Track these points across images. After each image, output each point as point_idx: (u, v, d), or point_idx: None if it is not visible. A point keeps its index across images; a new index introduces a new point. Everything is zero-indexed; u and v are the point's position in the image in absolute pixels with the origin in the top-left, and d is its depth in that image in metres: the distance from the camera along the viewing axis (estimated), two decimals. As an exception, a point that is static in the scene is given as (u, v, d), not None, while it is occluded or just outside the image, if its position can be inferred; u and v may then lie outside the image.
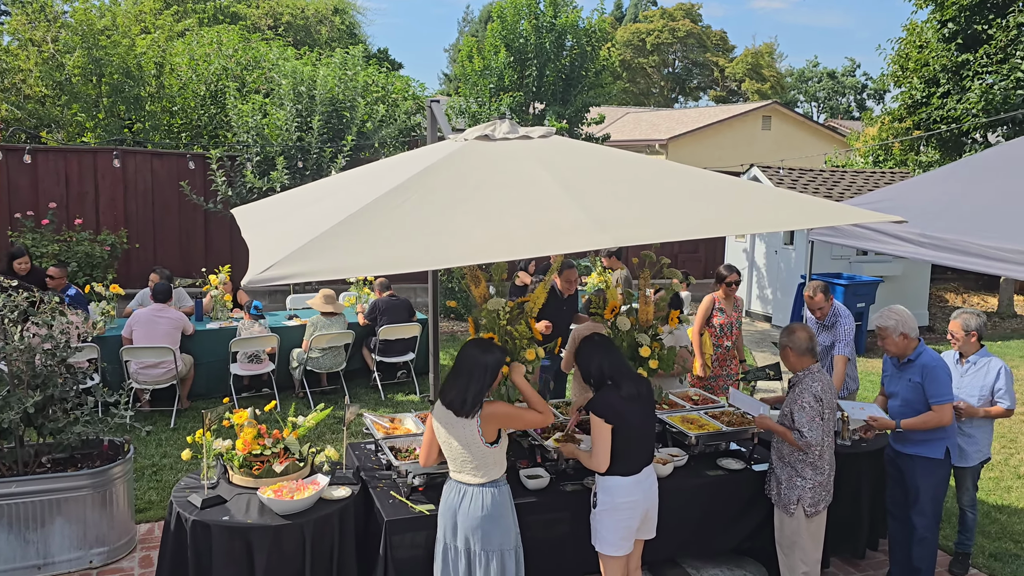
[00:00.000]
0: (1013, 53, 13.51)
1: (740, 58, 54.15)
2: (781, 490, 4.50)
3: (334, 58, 13.57)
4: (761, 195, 4.37)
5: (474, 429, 3.72)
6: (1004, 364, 5.03)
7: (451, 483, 3.86)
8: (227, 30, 17.20)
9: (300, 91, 12.11)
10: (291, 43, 21.29)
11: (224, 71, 14.98)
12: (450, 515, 3.82)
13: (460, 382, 3.76)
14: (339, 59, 13.51)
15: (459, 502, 3.79)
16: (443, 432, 3.80)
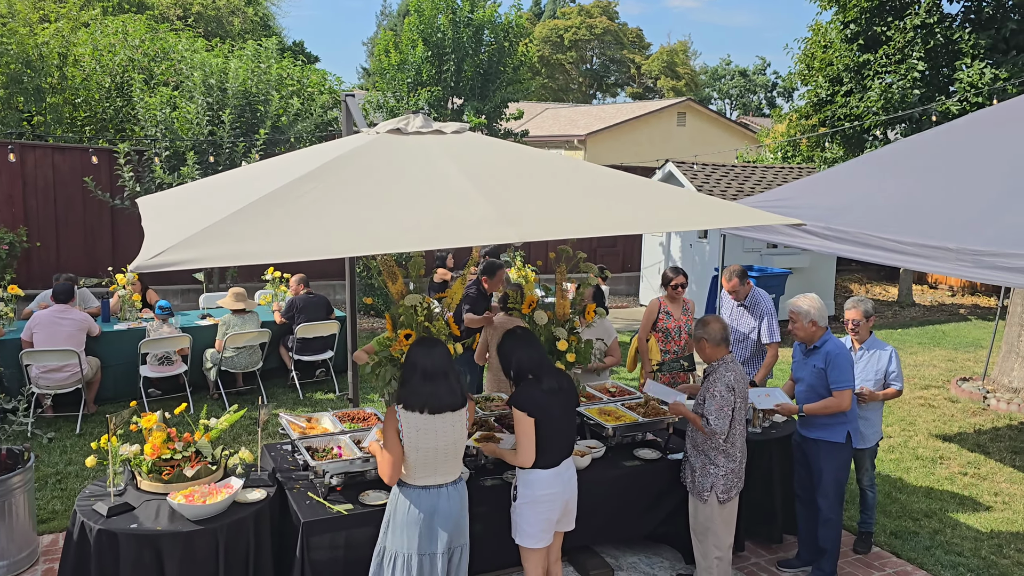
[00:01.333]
0: (910, 54, 14.16)
1: (656, 55, 55.16)
2: (695, 478, 4.61)
3: (246, 50, 13.23)
4: (669, 196, 4.47)
5: (464, 420, 3.78)
6: (894, 349, 5.28)
7: (416, 490, 3.73)
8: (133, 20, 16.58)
9: (211, 84, 11.77)
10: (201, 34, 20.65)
11: (130, 62, 14.43)
12: (421, 522, 3.71)
13: (449, 380, 3.73)
14: (252, 51, 13.18)
15: (435, 505, 3.72)
16: (426, 437, 3.68)
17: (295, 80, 13.97)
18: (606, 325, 6.37)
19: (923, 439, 7.64)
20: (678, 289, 6.42)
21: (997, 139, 6.18)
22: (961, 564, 5.27)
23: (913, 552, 5.42)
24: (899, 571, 5.19)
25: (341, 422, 5.05)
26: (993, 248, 4.89)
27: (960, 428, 7.99)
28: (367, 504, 4.19)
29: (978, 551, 5.46)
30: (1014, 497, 6.36)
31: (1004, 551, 5.48)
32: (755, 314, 6.30)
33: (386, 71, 13.56)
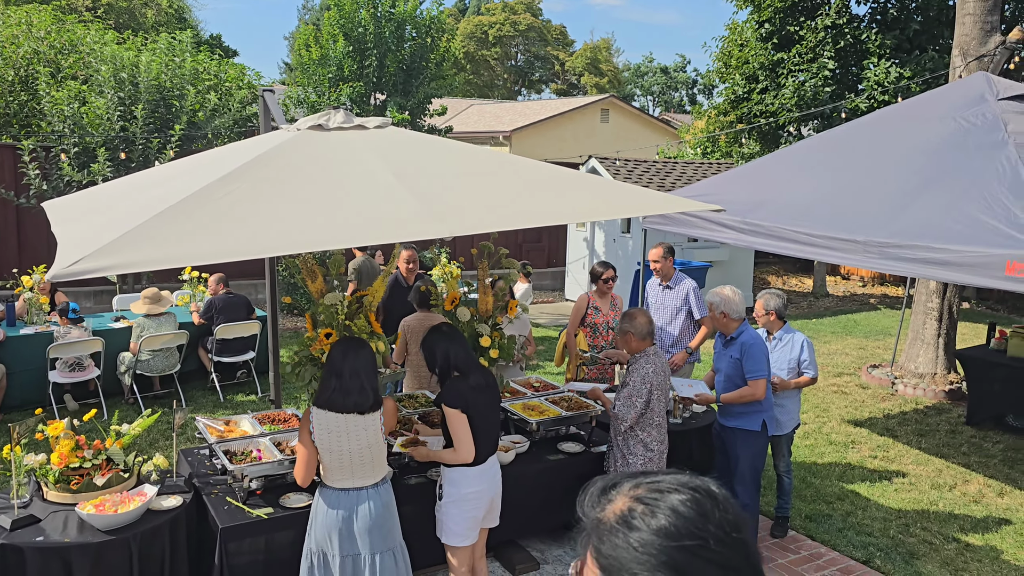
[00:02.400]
0: (821, 53, 14.64)
1: (579, 52, 55.65)
2: (617, 467, 4.69)
3: (159, 43, 12.81)
4: (594, 185, 4.53)
5: (378, 424, 3.71)
6: (806, 337, 5.47)
7: (335, 492, 3.71)
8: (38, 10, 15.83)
9: (122, 78, 11.35)
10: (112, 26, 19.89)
11: (36, 55, 13.79)
12: (340, 525, 3.67)
13: (359, 381, 3.67)
14: (165, 44, 12.76)
15: (354, 508, 3.67)
16: (338, 440, 3.64)
17: (212, 74, 13.59)
18: (523, 318, 6.42)
19: (836, 425, 7.92)
20: (608, 283, 6.48)
21: (901, 135, 6.44)
22: (871, 544, 5.49)
23: (827, 534, 5.62)
24: (813, 553, 5.38)
25: (261, 424, 4.95)
26: (897, 240, 5.11)
27: (870, 413, 8.32)
28: (288, 507, 4.12)
29: (887, 530, 5.70)
30: (920, 478, 6.66)
31: (911, 529, 5.73)
32: (681, 294, 6.46)
33: (306, 66, 13.32)
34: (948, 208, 5.15)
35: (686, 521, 1.06)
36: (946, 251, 4.80)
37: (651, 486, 1.12)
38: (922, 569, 5.19)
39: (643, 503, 1.10)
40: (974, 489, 6.46)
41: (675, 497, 1.09)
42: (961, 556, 5.38)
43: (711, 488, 1.12)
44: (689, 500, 1.09)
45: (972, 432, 7.75)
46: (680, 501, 1.08)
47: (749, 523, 1.13)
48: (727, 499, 1.11)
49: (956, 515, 6.00)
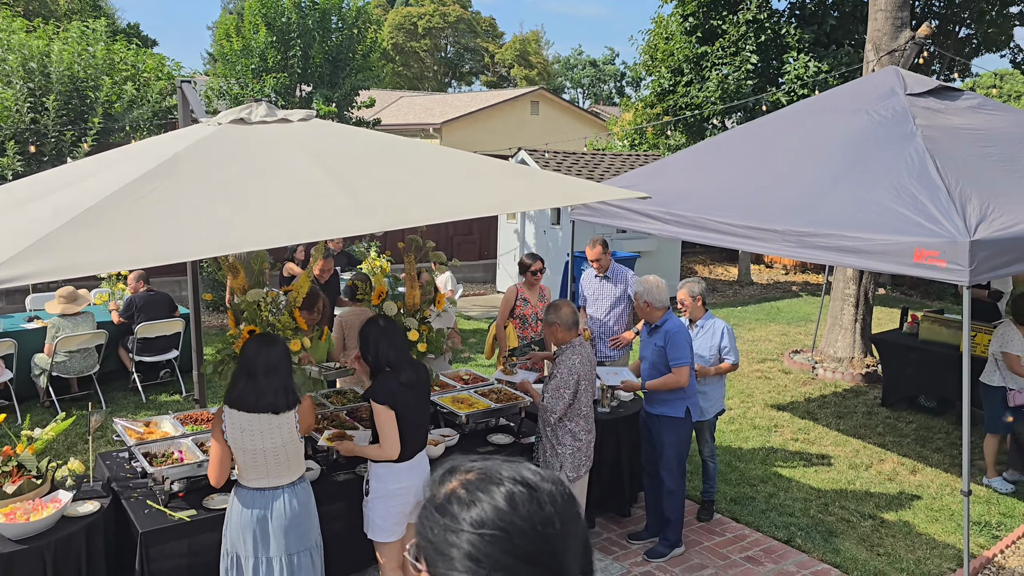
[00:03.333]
0: (743, 47, 14.97)
1: (509, 44, 55.67)
2: (546, 458, 4.73)
3: (71, 32, 12.31)
4: (524, 176, 4.55)
5: (292, 423, 3.62)
6: (727, 324, 5.60)
7: (249, 492, 3.62)
8: (-62, -4, 15.06)
9: (31, 67, 10.88)
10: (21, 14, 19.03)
11: (-64, 43, 13.11)
12: (255, 525, 3.59)
13: (274, 380, 3.58)
14: (78, 33, 12.28)
15: (269, 508, 3.59)
16: (251, 439, 3.55)
17: (129, 65, 13.14)
18: (449, 310, 6.41)
19: (760, 409, 8.15)
20: (536, 275, 6.53)
21: (817, 128, 6.64)
22: (792, 524, 5.67)
23: (751, 516, 5.78)
24: (738, 535, 5.53)
25: (183, 424, 4.83)
26: (813, 229, 5.27)
27: (792, 397, 8.58)
28: (211, 508, 4.03)
29: (807, 510, 5.90)
30: (838, 458, 6.90)
31: (830, 508, 5.94)
32: (618, 284, 6.55)
33: (228, 56, 13.00)
34: (861, 198, 5.33)
35: (496, 512, 1.10)
36: (859, 239, 4.98)
37: (480, 474, 1.15)
38: (840, 546, 5.38)
39: (465, 489, 1.13)
40: (889, 468, 6.74)
41: (496, 488, 1.12)
42: (876, 532, 5.60)
43: (538, 482, 1.14)
44: (507, 492, 1.12)
45: (887, 413, 8.07)
46: (499, 492, 1.12)
47: (574, 519, 1.16)
48: (553, 494, 1.14)
49: (872, 493, 6.24)
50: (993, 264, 4.66)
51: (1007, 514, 5.93)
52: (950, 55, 14.93)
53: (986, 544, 5.48)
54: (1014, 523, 5.78)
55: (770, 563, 5.17)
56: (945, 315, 7.95)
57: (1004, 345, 6.16)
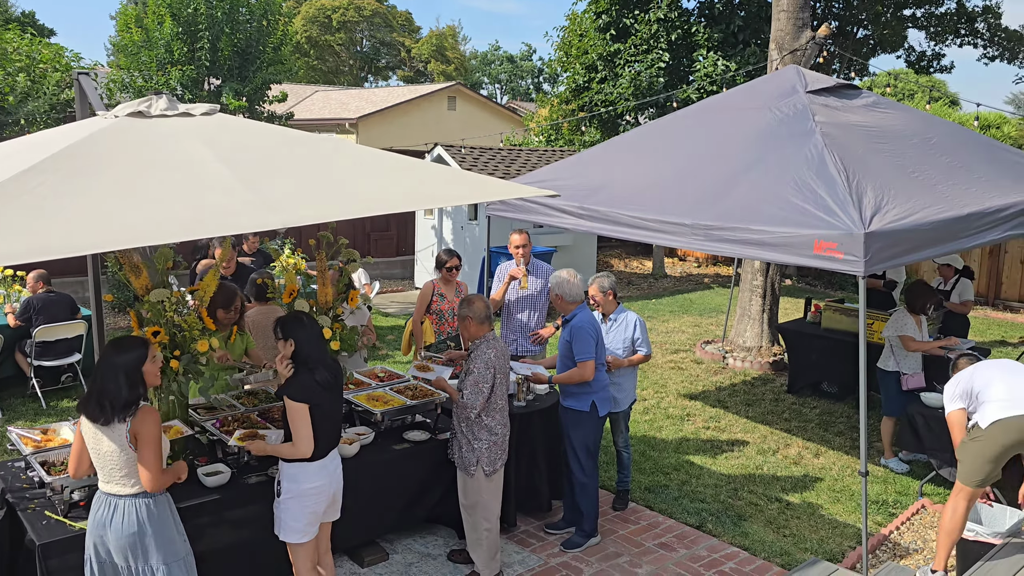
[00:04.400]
0: (655, 45, 15.27)
1: (426, 39, 55.30)
2: (462, 453, 4.74)
3: (-41, 20, 11.66)
4: (433, 173, 4.52)
5: (123, 433, 3.43)
6: (639, 317, 5.72)
7: (100, 495, 3.52)
8: None
9: (-86, 58, 10.27)
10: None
11: None
12: (101, 531, 3.48)
13: (94, 388, 3.44)
14: (-35, 22, 11.63)
15: (110, 517, 3.46)
16: (92, 438, 3.46)
17: (23, 55, 12.51)
18: (362, 308, 6.37)
19: (673, 399, 8.35)
20: (452, 271, 6.53)
21: (724, 124, 6.83)
22: (704, 509, 5.84)
23: (664, 504, 5.92)
24: (652, 522, 5.66)
25: (84, 431, 4.64)
26: (720, 223, 5.42)
27: (704, 387, 8.82)
28: (114, 516, 3.88)
29: (718, 496, 6.08)
30: (747, 445, 7.14)
31: (739, 493, 6.14)
32: (537, 279, 6.61)
33: (130, 48, 12.52)
34: (765, 192, 5.52)
35: None
36: (763, 232, 5.15)
37: None
38: (748, 529, 5.57)
39: None
40: (794, 452, 7.00)
41: None
42: (783, 514, 5.82)
43: None
44: None
45: (793, 399, 8.39)
46: None
47: None
48: None
49: (779, 477, 6.48)
50: (887, 255, 4.88)
51: (903, 492, 6.24)
52: (849, 55, 15.57)
53: (883, 521, 5.76)
54: (909, 500, 6.09)
55: (682, 548, 5.31)
56: (845, 304, 8.30)
57: (898, 330, 6.47)
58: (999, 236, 5.75)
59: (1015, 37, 16.95)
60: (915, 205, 5.25)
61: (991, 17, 16.85)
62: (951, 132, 7.08)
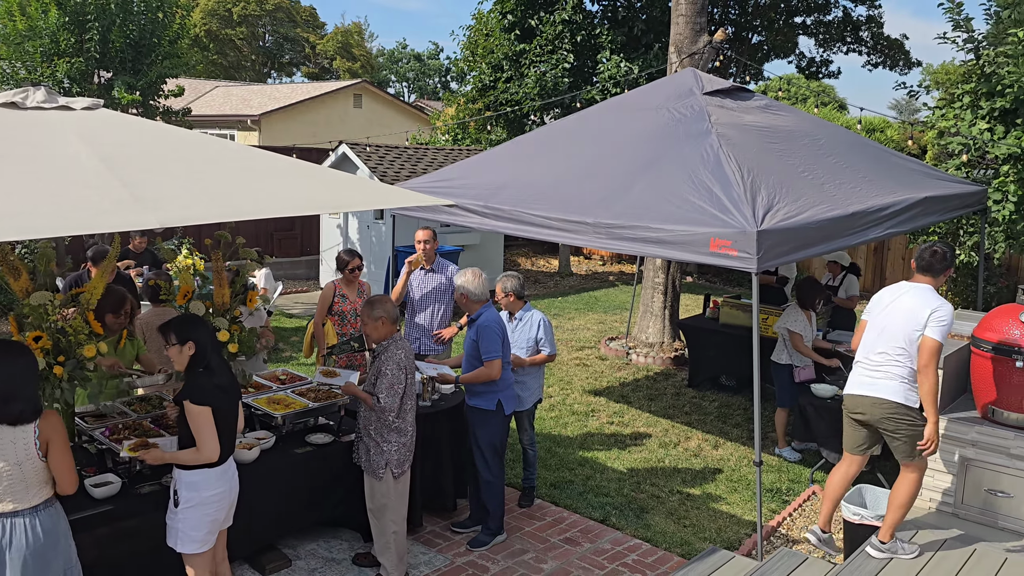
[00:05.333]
0: (560, 46, 15.45)
1: (331, 36, 54.37)
2: (370, 457, 4.68)
3: None
4: (326, 178, 4.44)
5: (31, 438, 3.26)
6: (544, 316, 5.77)
7: None
8: None
9: None
10: None
11: None
12: None
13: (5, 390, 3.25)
14: None
15: (6, 536, 3.25)
16: None
17: None
18: (260, 309, 6.22)
19: (578, 396, 8.47)
20: (355, 272, 6.45)
21: (624, 124, 6.96)
22: (608, 503, 5.94)
23: (569, 499, 5.99)
24: (557, 518, 5.72)
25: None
26: (621, 221, 5.53)
27: (608, 383, 8.98)
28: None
29: (621, 489, 6.20)
30: (650, 438, 7.30)
31: (642, 486, 6.28)
32: (444, 279, 6.59)
33: (12, 38, 11.85)
34: (663, 191, 5.65)
35: None
36: (661, 230, 5.28)
37: None
38: (650, 521, 5.70)
39: None
40: (694, 444, 7.20)
41: None
42: (683, 505, 5.98)
43: None
44: None
45: (693, 393, 8.63)
46: None
47: None
48: None
49: (679, 469, 6.65)
50: (778, 252, 5.08)
51: (795, 480, 6.51)
52: (744, 60, 16.12)
53: (777, 509, 5.99)
54: (801, 488, 6.36)
55: (587, 543, 5.39)
56: (742, 300, 8.59)
57: (789, 325, 6.74)
58: (881, 234, 6.07)
59: (895, 45, 17.91)
60: (804, 204, 5.48)
61: (874, 26, 17.75)
62: (837, 135, 7.42)
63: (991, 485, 4.98)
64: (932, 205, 6.62)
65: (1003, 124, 7.29)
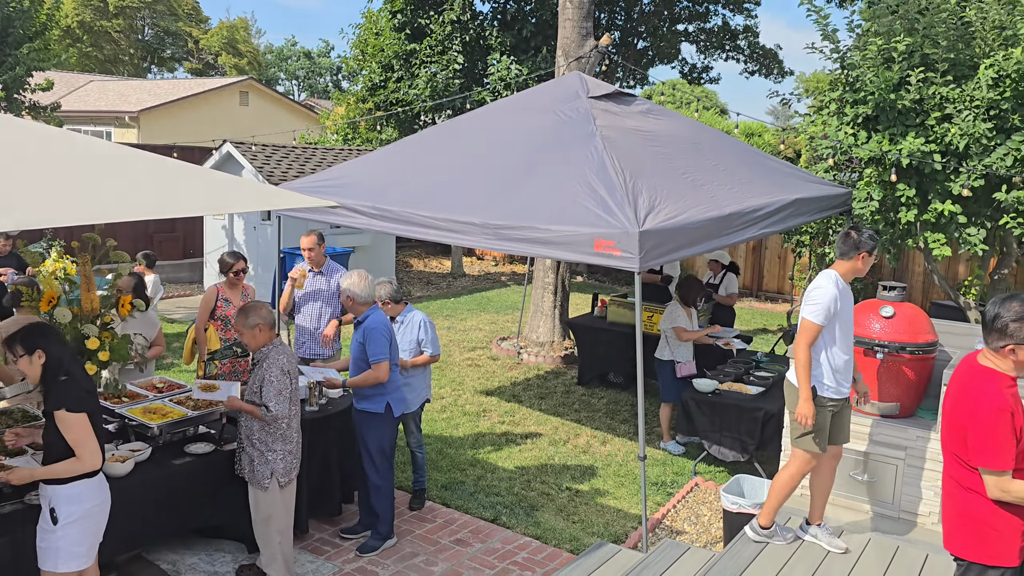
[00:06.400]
0: (450, 47, 15.44)
1: (215, 30, 52.53)
2: (254, 467, 4.55)
3: None
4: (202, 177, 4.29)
5: None
6: (425, 317, 5.74)
7: None
8: None
9: None
10: None
11: None
12: None
13: None
14: None
15: None
16: None
17: None
18: (150, 317, 5.96)
19: (470, 396, 8.48)
20: (239, 275, 6.28)
21: (512, 125, 7.01)
22: (499, 503, 5.97)
23: (460, 500, 5.99)
24: (448, 519, 5.71)
25: None
26: (509, 222, 5.57)
27: (500, 383, 9.03)
28: None
29: (512, 488, 6.24)
30: (540, 436, 7.39)
31: (532, 484, 6.34)
32: (331, 280, 6.47)
33: None
34: (550, 192, 5.73)
35: None
36: (548, 231, 5.35)
37: None
38: (540, 518, 5.76)
39: None
40: (583, 441, 7.33)
41: None
42: (572, 502, 6.07)
43: None
44: None
45: (583, 391, 8.78)
46: None
47: None
48: None
49: (569, 466, 6.76)
50: (659, 251, 5.23)
51: (679, 473, 6.72)
52: (630, 65, 16.54)
53: (662, 501, 6.17)
54: (685, 480, 6.57)
55: (478, 543, 5.40)
56: (628, 299, 8.80)
57: (672, 322, 6.96)
58: (756, 233, 6.34)
59: (770, 55, 18.77)
60: (684, 205, 5.66)
61: (750, 35, 18.55)
62: (716, 138, 7.71)
63: (854, 471, 5.27)
64: (803, 206, 6.96)
65: (865, 130, 7.74)
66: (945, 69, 7.22)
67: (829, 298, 4.39)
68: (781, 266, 14.97)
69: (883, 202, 7.80)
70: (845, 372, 4.54)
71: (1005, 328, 3.13)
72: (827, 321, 4.41)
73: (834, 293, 4.40)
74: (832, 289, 4.41)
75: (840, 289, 4.45)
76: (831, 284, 4.44)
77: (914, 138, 7.20)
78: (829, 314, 4.39)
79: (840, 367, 4.51)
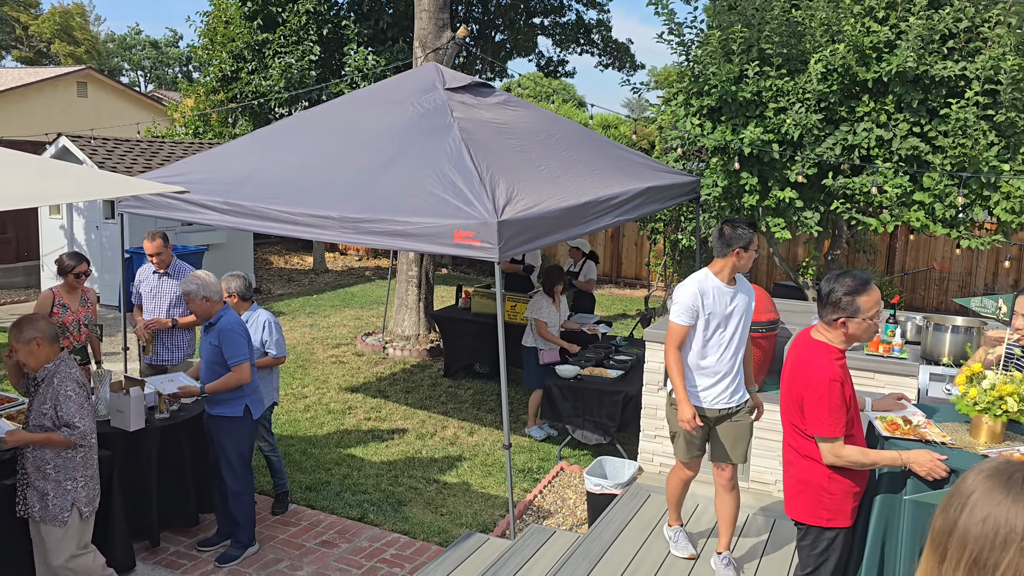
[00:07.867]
0: (305, 37, 15.00)
1: (47, 16, 48.91)
2: (48, 502, 3.97)
3: None
4: (25, 165, 3.98)
5: None
6: (271, 318, 5.55)
7: None
8: None
9: None
10: None
11: None
12: None
13: None
14: None
15: None
16: None
17: None
18: None
19: (335, 394, 8.30)
20: (80, 278, 5.86)
21: (369, 117, 6.90)
22: (365, 500, 5.88)
23: (326, 501, 5.86)
24: (313, 522, 5.57)
25: None
26: (367, 215, 5.48)
27: (365, 379, 8.90)
28: None
29: (379, 485, 6.16)
30: (407, 431, 7.33)
31: (399, 479, 6.28)
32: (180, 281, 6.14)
33: None
34: (408, 184, 5.67)
35: None
36: (407, 223, 5.30)
37: None
38: (408, 513, 5.72)
39: None
40: (450, 433, 7.34)
41: None
42: (440, 494, 6.06)
43: None
44: None
45: (449, 383, 8.78)
46: None
47: None
48: None
49: (436, 459, 6.74)
50: (518, 241, 5.28)
51: (545, 458, 6.83)
52: (488, 57, 16.63)
53: (529, 488, 6.26)
54: (551, 465, 6.69)
55: (344, 543, 5.30)
56: (491, 289, 8.86)
57: (536, 313, 7.06)
58: (611, 221, 6.51)
59: (623, 49, 19.34)
60: (541, 195, 5.75)
61: (604, 30, 19.04)
62: (572, 130, 7.86)
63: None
64: (654, 194, 7.21)
65: (711, 120, 8.12)
66: (780, 63, 7.67)
67: (689, 296, 4.14)
68: (638, 253, 15.49)
69: (728, 189, 8.21)
70: (724, 380, 4.25)
71: (839, 302, 3.34)
72: (692, 322, 4.16)
73: (694, 291, 4.14)
74: (693, 287, 4.16)
75: (712, 288, 4.17)
76: (693, 283, 4.18)
77: (754, 128, 7.61)
78: (693, 314, 4.15)
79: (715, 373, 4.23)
